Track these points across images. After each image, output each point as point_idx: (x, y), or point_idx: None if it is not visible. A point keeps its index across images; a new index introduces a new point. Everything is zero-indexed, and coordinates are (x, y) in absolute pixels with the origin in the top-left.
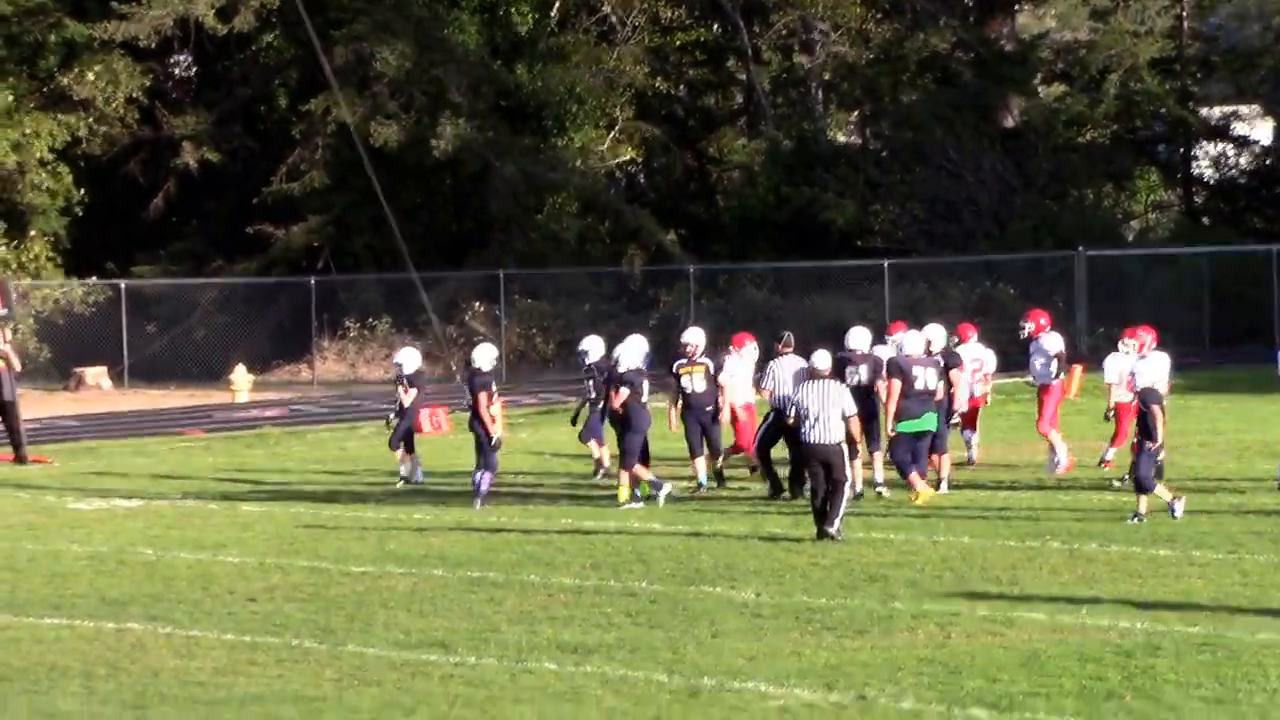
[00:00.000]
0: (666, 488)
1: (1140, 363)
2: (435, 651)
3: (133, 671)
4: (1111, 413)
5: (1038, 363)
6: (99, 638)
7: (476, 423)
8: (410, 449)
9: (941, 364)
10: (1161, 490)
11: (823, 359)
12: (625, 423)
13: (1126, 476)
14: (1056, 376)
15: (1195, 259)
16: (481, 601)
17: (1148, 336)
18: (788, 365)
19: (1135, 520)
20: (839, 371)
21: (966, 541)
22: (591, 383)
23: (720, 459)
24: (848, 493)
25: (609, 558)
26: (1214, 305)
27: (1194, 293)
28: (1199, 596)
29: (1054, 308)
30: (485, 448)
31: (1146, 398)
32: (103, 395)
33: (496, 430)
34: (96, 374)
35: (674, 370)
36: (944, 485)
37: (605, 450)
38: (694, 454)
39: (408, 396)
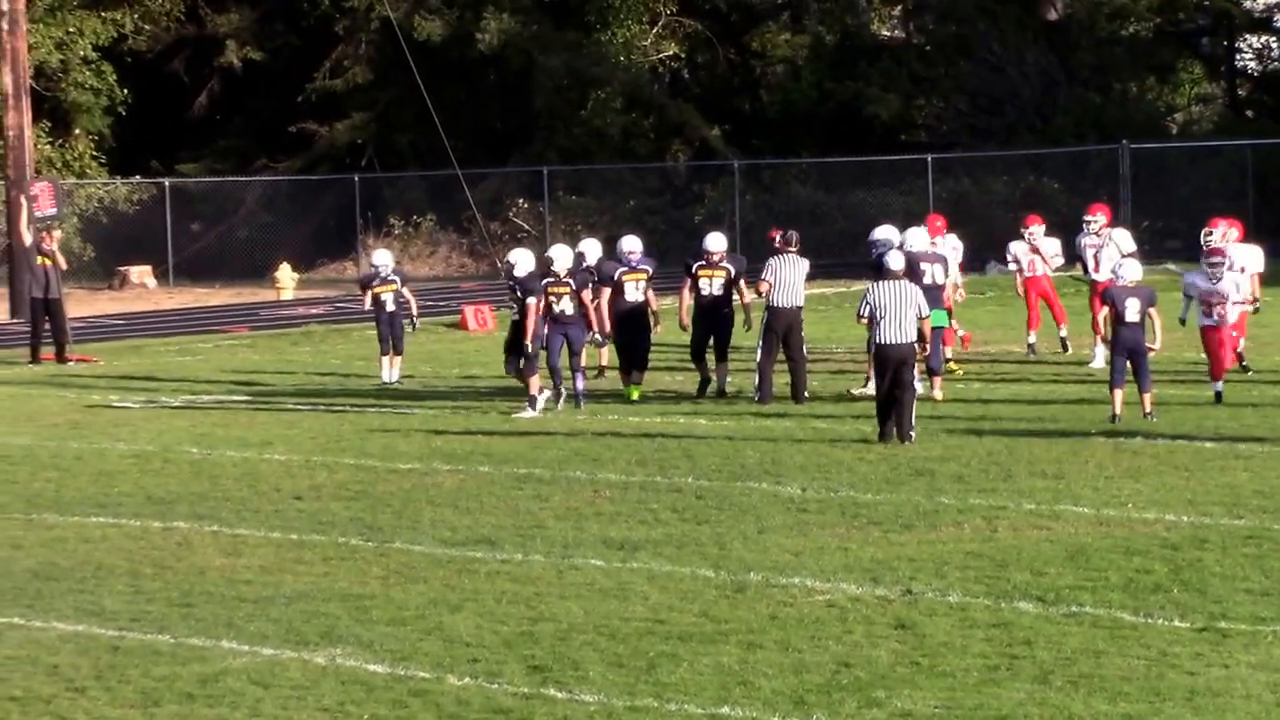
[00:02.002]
0: (546, 395)
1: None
2: (482, 548)
3: (179, 570)
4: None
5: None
6: (145, 536)
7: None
8: (399, 350)
9: (946, 259)
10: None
11: (897, 259)
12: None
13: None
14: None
15: (1239, 151)
16: (528, 498)
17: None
18: (789, 264)
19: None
20: (911, 272)
21: (1012, 436)
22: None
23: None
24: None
25: (655, 454)
26: (1258, 197)
27: (1238, 185)
28: (1245, 489)
29: (1099, 201)
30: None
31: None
32: (147, 294)
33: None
34: (141, 272)
35: (692, 271)
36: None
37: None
38: (696, 359)
39: (389, 296)
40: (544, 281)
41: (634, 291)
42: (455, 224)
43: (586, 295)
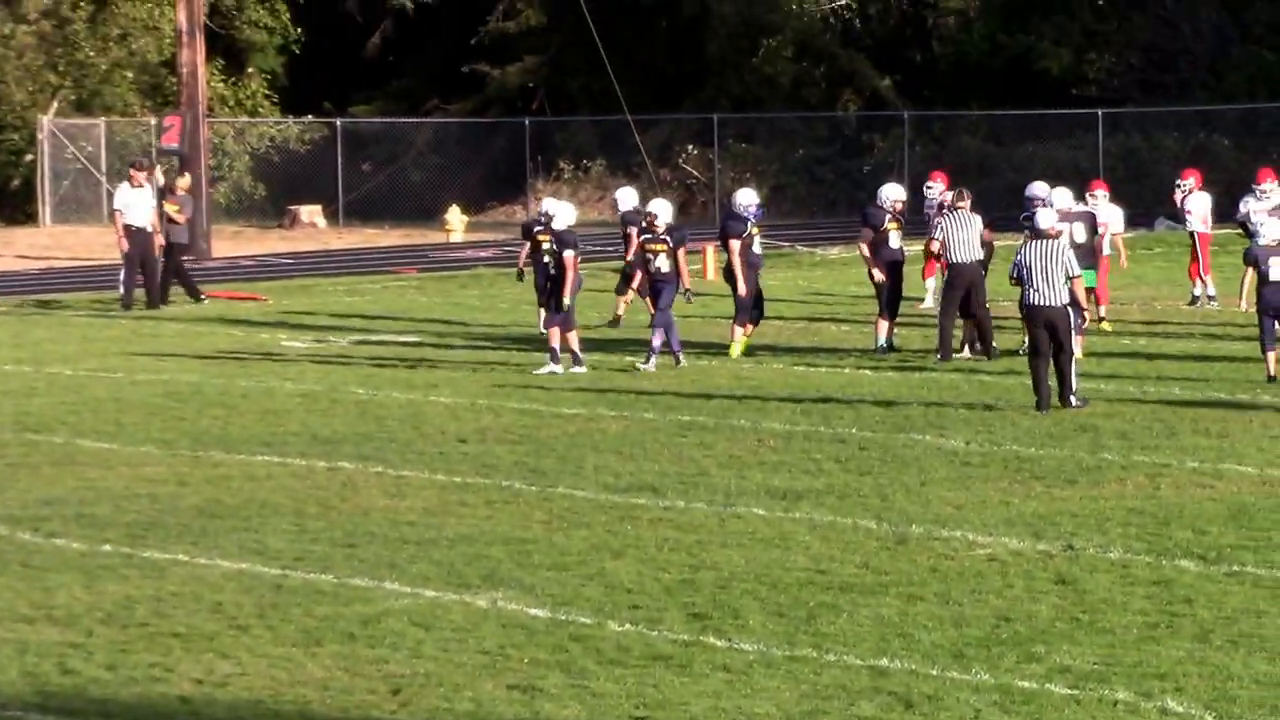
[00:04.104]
0: (580, 368)
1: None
2: (645, 495)
3: (343, 510)
4: None
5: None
6: (310, 476)
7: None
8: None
9: (1091, 218)
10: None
11: (1046, 217)
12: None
13: None
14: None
15: None
16: (692, 445)
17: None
18: (961, 222)
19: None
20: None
21: (1177, 393)
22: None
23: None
24: (1076, 356)
25: (818, 404)
26: None
27: None
28: None
29: (1269, 160)
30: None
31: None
32: (317, 233)
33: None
34: (311, 212)
35: (883, 224)
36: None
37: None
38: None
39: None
40: (643, 237)
41: (759, 244)
42: (625, 169)
43: (681, 254)
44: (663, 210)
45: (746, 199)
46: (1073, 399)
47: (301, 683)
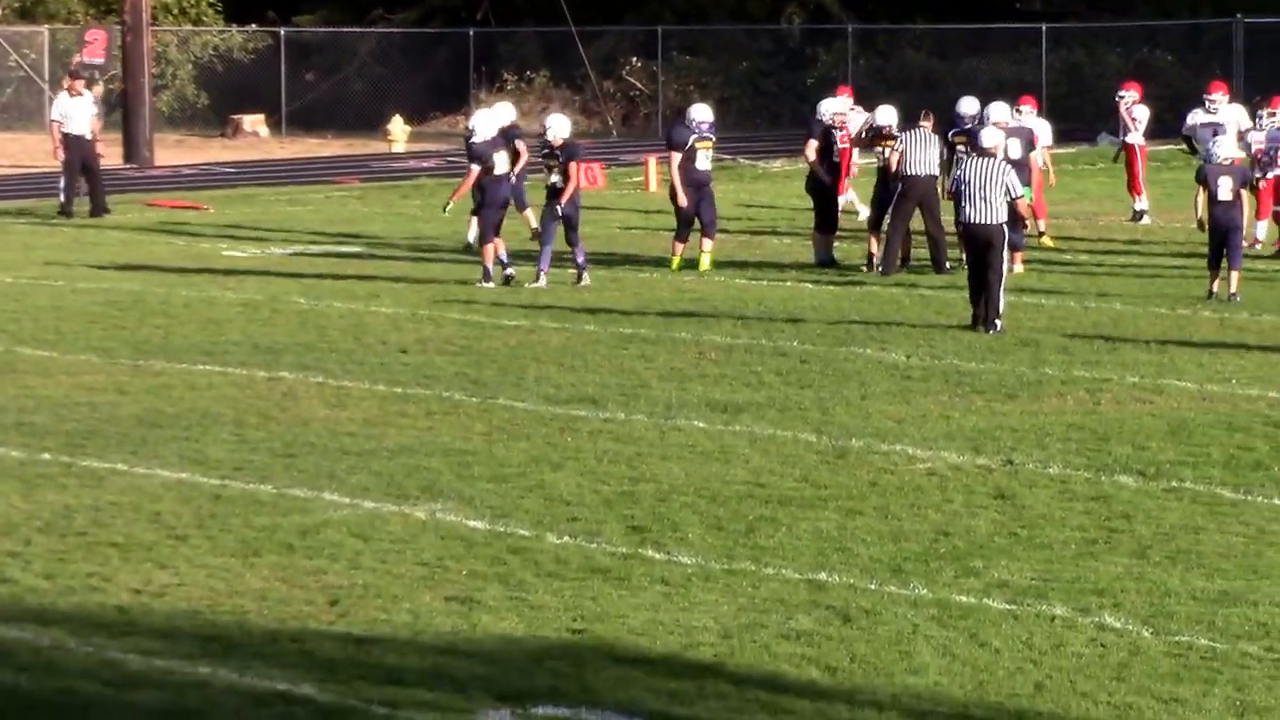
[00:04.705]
0: (510, 271)
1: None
2: (585, 407)
3: (283, 420)
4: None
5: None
6: (251, 385)
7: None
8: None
9: (1028, 134)
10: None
11: (991, 136)
12: (481, 197)
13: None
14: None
15: None
16: (633, 357)
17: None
18: (921, 138)
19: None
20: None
21: (1118, 308)
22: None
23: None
24: (1005, 276)
25: (760, 317)
26: None
27: None
28: None
29: (1211, 75)
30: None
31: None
32: (259, 143)
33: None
34: (254, 121)
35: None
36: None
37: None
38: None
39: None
40: (543, 153)
41: (705, 160)
42: (569, 81)
43: (573, 168)
44: (558, 125)
45: (700, 115)
46: (997, 323)
47: (239, 593)
